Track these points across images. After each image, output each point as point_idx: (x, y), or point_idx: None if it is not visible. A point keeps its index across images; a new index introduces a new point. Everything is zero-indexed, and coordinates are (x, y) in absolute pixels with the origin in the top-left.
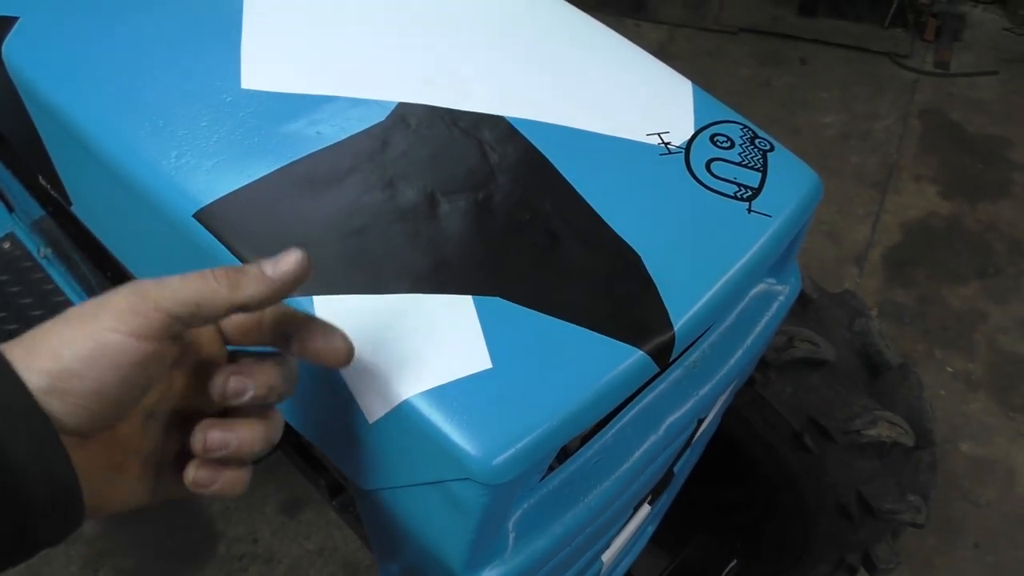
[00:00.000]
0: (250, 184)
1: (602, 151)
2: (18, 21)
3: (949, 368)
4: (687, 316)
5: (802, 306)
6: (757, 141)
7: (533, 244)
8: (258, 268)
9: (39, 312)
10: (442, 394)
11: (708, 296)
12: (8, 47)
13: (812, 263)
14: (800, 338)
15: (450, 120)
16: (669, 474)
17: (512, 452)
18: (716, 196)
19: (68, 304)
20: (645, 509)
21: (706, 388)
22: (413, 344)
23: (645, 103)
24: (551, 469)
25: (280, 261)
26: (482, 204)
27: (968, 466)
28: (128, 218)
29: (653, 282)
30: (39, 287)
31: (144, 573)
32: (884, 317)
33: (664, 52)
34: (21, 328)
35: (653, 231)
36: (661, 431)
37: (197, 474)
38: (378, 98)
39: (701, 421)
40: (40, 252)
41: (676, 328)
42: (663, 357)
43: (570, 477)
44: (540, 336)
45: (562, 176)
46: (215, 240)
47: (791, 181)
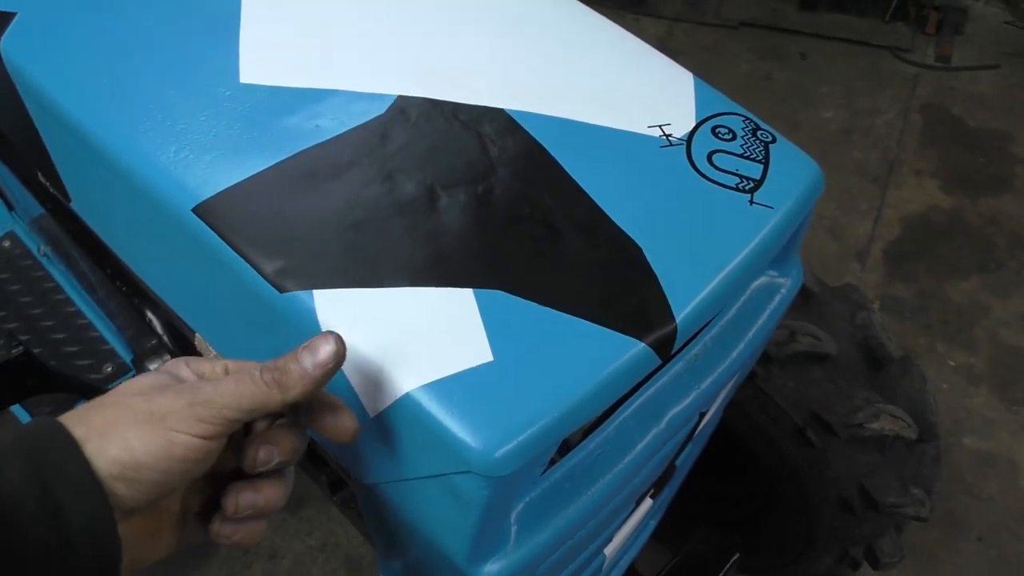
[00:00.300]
0: (249, 178)
1: (603, 143)
2: (16, 16)
3: (951, 362)
4: (689, 308)
5: (804, 300)
6: (759, 133)
7: (534, 237)
8: (299, 366)
9: (39, 310)
10: (443, 387)
11: (710, 288)
12: (6, 43)
13: (813, 258)
14: (802, 332)
15: (450, 113)
16: (671, 468)
17: (514, 445)
18: (718, 188)
19: (68, 303)
20: (647, 503)
21: (708, 381)
22: (414, 337)
23: (646, 95)
24: (553, 462)
25: (318, 352)
26: (482, 197)
27: (971, 460)
28: (127, 214)
29: (655, 274)
30: (39, 285)
31: (147, 570)
32: (885, 312)
33: (664, 47)
34: (21, 327)
35: (654, 223)
36: (663, 424)
37: (222, 528)
38: (377, 91)
39: (703, 414)
40: (40, 250)
41: (678, 320)
42: (665, 349)
43: (572, 470)
44: (541, 328)
45: (563, 168)
46: (214, 235)
47: (793, 173)
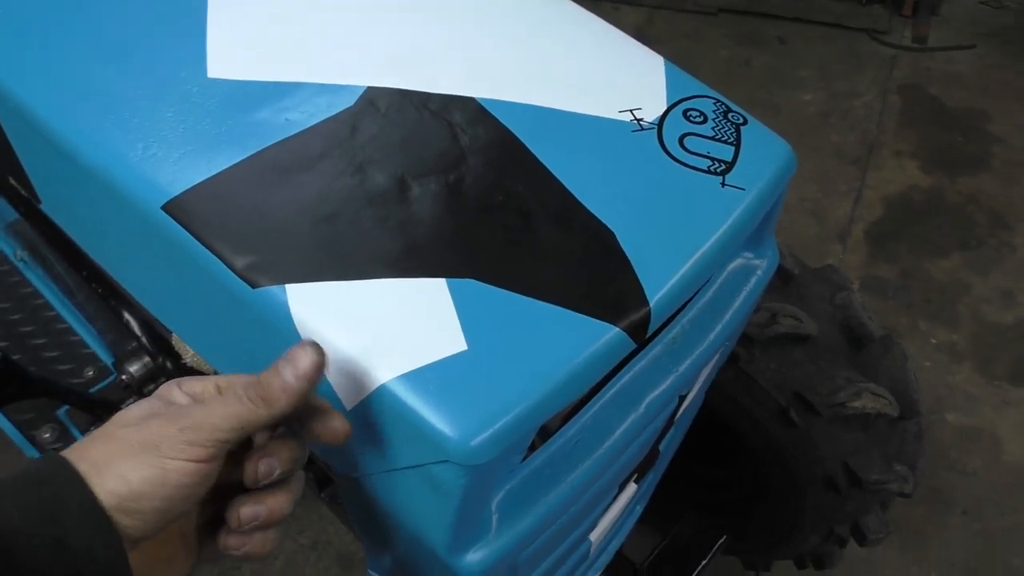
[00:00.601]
0: (218, 174)
1: (574, 129)
2: None
3: (933, 340)
4: (663, 292)
5: (784, 282)
6: (730, 115)
7: (506, 225)
8: (280, 379)
9: (17, 316)
10: (418, 378)
11: (683, 271)
12: None
13: (795, 241)
14: (783, 314)
15: (420, 103)
16: (654, 452)
17: (490, 433)
18: (690, 171)
19: (47, 307)
20: (632, 488)
21: (686, 364)
22: (387, 329)
23: (617, 80)
24: (533, 448)
25: (297, 363)
26: (454, 186)
27: (954, 436)
28: (96, 213)
29: (628, 259)
30: (17, 290)
31: None
32: (868, 292)
33: (643, 34)
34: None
35: (627, 208)
36: (642, 408)
37: (228, 541)
38: (346, 83)
39: (683, 398)
40: (16, 255)
41: (652, 304)
42: (639, 333)
43: (551, 457)
44: (515, 316)
45: (534, 156)
46: (184, 232)
47: (765, 154)
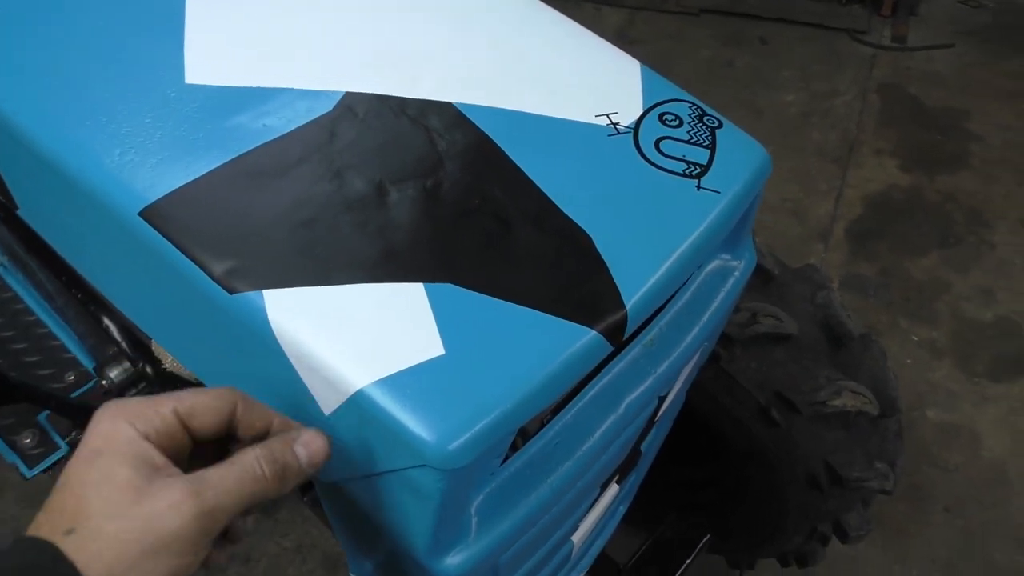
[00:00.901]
0: (196, 180)
1: (551, 134)
2: None
3: (914, 337)
4: (639, 294)
5: (764, 282)
6: (705, 119)
7: (483, 229)
8: (297, 462)
9: None
10: (395, 382)
11: (659, 274)
12: None
13: (778, 241)
14: (763, 314)
15: (397, 108)
16: (636, 453)
17: (467, 437)
18: (665, 174)
19: (27, 312)
20: (613, 489)
21: (664, 365)
22: (365, 334)
23: (593, 84)
24: (515, 449)
25: (311, 447)
26: (431, 191)
27: (935, 433)
28: (74, 220)
29: (604, 262)
30: None
31: None
32: (849, 291)
33: (625, 35)
34: None
35: (603, 212)
36: (621, 409)
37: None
38: (325, 88)
39: (663, 398)
40: None
41: (628, 306)
42: (616, 336)
43: (531, 460)
44: (493, 320)
45: (511, 160)
46: (162, 238)
47: (740, 157)
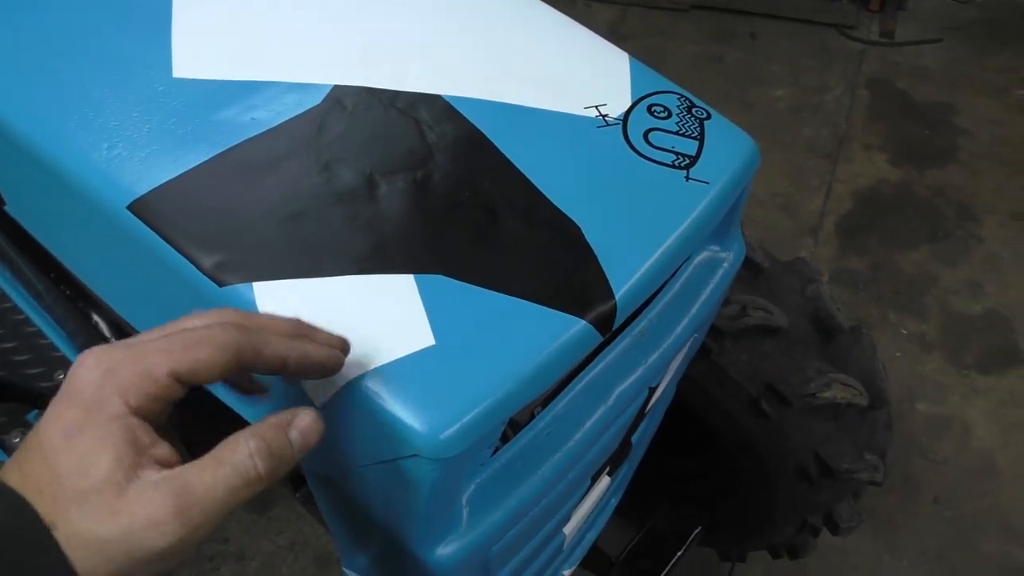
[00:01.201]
0: (184, 174)
1: (540, 126)
2: None
3: (903, 331)
4: (628, 284)
5: (754, 275)
6: (694, 110)
7: (473, 221)
8: (291, 450)
9: None
10: (386, 373)
11: (648, 264)
12: None
13: (768, 235)
14: (753, 306)
15: (387, 101)
16: (627, 445)
17: (458, 426)
18: (654, 165)
19: (15, 310)
20: (605, 480)
21: (654, 356)
22: (356, 325)
23: (582, 76)
24: (506, 440)
25: (307, 431)
26: (421, 184)
27: (925, 424)
28: (62, 215)
29: (593, 252)
30: None
31: None
32: (840, 284)
33: (615, 30)
34: None
35: (593, 203)
36: (611, 400)
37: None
38: (313, 81)
39: (653, 389)
40: None
41: (617, 296)
42: (606, 326)
43: (522, 450)
44: (482, 311)
45: (500, 152)
46: (150, 231)
47: (728, 148)
